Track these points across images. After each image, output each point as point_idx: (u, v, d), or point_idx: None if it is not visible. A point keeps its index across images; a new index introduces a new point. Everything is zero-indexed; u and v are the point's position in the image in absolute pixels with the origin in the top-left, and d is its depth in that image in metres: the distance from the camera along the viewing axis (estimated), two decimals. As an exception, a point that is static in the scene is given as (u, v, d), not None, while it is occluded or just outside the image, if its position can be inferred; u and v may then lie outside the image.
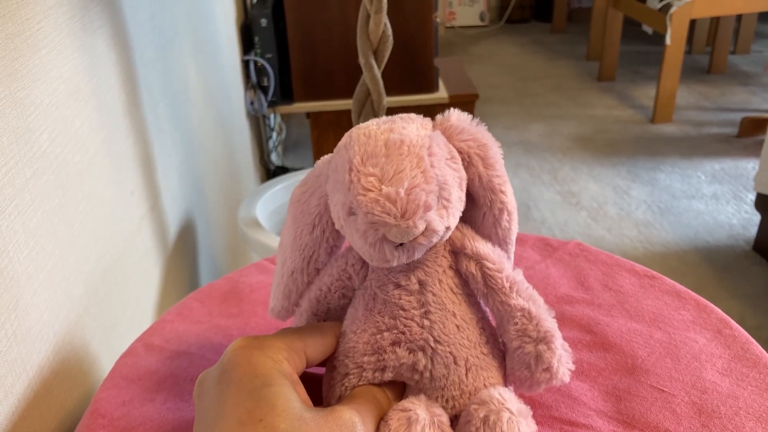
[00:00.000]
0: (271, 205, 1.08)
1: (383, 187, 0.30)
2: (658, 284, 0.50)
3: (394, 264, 0.32)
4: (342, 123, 1.56)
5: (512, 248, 0.37)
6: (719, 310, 0.47)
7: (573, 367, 0.36)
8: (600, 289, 0.51)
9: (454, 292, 0.35)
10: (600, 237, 1.72)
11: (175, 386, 0.43)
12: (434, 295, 0.34)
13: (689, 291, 0.50)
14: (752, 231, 1.70)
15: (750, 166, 2.05)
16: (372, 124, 0.33)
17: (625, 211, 1.84)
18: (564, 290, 0.51)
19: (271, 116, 1.79)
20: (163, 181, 0.77)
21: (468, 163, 0.34)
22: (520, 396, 0.35)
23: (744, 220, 1.77)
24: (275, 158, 1.88)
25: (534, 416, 0.34)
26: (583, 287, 0.51)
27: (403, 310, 0.34)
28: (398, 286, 0.34)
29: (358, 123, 0.76)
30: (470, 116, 0.35)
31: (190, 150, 0.93)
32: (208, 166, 1.04)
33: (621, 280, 0.51)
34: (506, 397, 0.33)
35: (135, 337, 0.48)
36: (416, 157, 0.31)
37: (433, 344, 0.34)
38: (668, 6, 2.22)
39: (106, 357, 0.56)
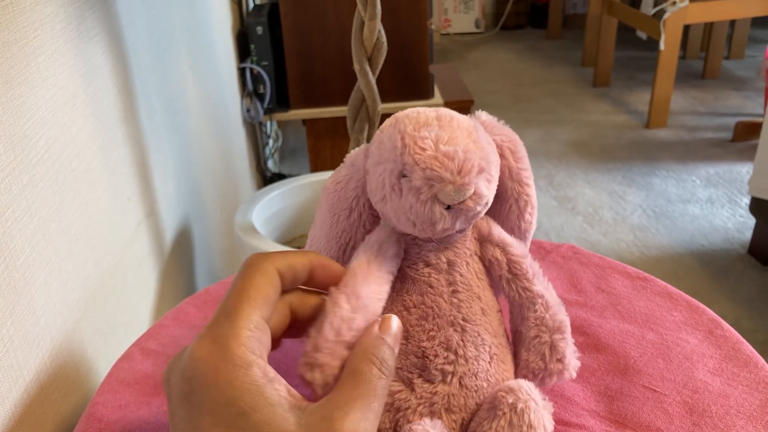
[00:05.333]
0: (267, 211, 1.09)
1: (440, 146, 0.31)
2: (650, 286, 0.51)
3: (439, 227, 0.32)
4: (338, 130, 1.57)
5: (529, 244, 0.39)
6: (711, 311, 0.48)
7: (579, 364, 0.36)
8: (593, 291, 0.51)
9: (478, 278, 0.36)
10: (596, 241, 1.73)
11: (171, 390, 0.43)
12: (461, 276, 0.35)
13: (681, 292, 0.50)
14: (747, 235, 1.71)
15: (744, 170, 2.06)
16: (417, 109, 0.34)
17: (621, 215, 1.85)
18: (557, 292, 0.51)
19: (268, 123, 1.79)
20: (159, 188, 0.77)
21: (500, 156, 0.35)
22: None
23: (739, 224, 1.77)
24: (272, 165, 1.88)
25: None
26: (576, 289, 0.51)
27: (432, 287, 0.35)
28: (428, 264, 0.35)
29: (352, 129, 0.77)
30: (495, 118, 0.37)
31: (186, 157, 0.94)
32: (204, 173, 1.05)
33: (613, 282, 0.52)
34: (532, 389, 0.34)
35: (132, 342, 0.48)
36: (466, 130, 0.33)
37: (461, 321, 0.34)
38: (662, 12, 2.23)
39: (102, 362, 0.56)
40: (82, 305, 0.53)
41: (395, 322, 0.31)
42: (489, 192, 0.33)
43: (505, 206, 0.37)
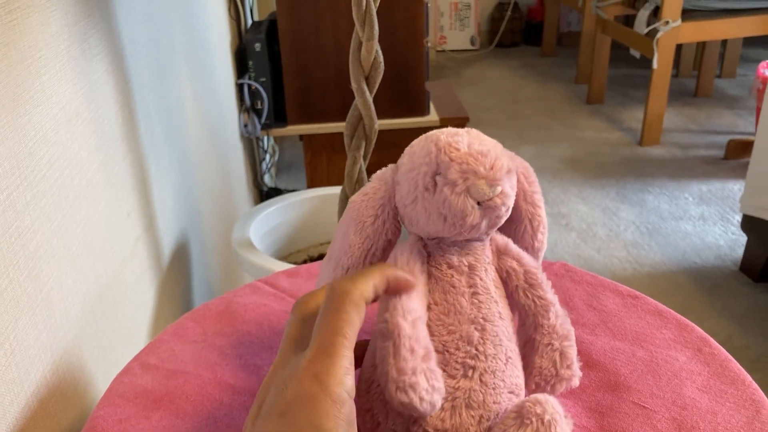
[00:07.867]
0: (264, 226, 1.10)
1: (474, 147, 0.35)
2: (641, 304, 0.52)
3: (469, 221, 0.35)
4: (335, 145, 1.58)
5: (540, 262, 0.42)
6: (700, 329, 0.49)
7: (581, 373, 0.39)
8: (584, 309, 0.52)
9: (495, 285, 0.38)
10: (589, 258, 1.74)
11: (170, 404, 0.44)
12: (481, 279, 0.37)
13: (671, 310, 0.51)
14: (739, 252, 1.73)
15: (736, 187, 2.08)
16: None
17: (614, 232, 1.87)
18: (550, 310, 0.52)
19: (265, 138, 1.80)
20: (158, 203, 0.78)
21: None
22: None
23: (731, 241, 1.79)
24: (268, 180, 1.89)
25: None
26: (568, 307, 0.52)
27: (454, 287, 0.37)
28: (451, 266, 0.37)
29: (350, 147, 0.78)
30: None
31: (185, 172, 0.95)
32: (202, 188, 1.06)
33: (605, 300, 0.53)
34: (557, 405, 0.35)
35: (131, 357, 0.49)
36: (492, 142, 0.36)
37: (481, 320, 0.36)
38: (655, 31, 2.26)
39: (102, 377, 0.56)
40: (82, 320, 0.53)
41: None
42: (512, 195, 0.36)
43: (520, 227, 0.40)
